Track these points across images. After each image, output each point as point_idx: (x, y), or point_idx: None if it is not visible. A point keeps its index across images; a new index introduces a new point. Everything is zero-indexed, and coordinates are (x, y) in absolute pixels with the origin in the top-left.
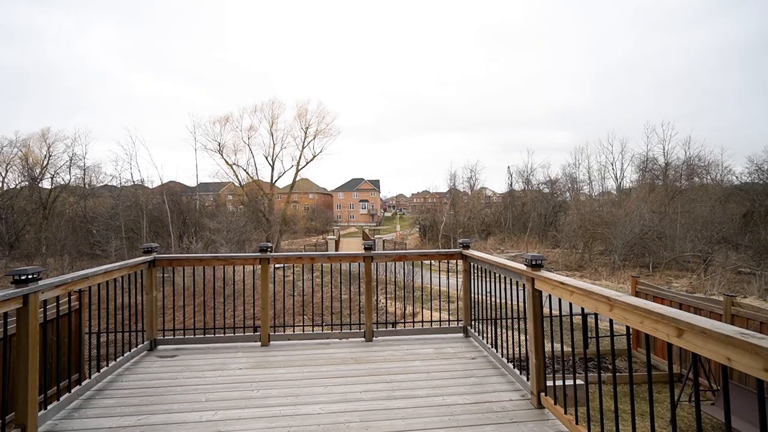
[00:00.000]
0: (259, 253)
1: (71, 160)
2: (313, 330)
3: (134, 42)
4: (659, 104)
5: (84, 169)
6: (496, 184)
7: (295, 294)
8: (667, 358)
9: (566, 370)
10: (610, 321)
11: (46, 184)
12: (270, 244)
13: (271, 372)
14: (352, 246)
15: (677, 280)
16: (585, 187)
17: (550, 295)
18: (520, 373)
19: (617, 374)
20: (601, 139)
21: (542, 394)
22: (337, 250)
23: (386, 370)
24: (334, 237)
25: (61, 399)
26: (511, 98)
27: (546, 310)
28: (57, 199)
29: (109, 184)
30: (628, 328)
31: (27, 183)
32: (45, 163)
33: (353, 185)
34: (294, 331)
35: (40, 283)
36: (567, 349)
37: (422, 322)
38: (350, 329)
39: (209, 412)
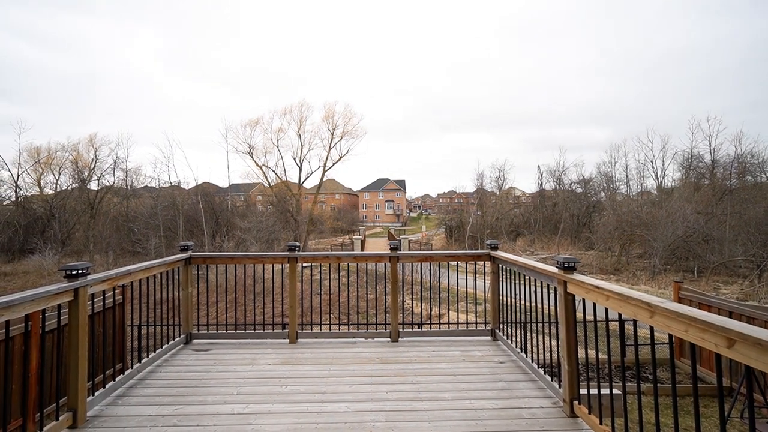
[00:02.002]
0: (287, 252)
1: (115, 163)
2: (339, 329)
3: (173, 48)
4: (704, 98)
5: (126, 172)
6: (525, 183)
7: (322, 293)
8: (716, 370)
9: (601, 379)
10: (651, 328)
11: (93, 185)
12: (298, 244)
13: (298, 369)
14: (378, 246)
15: (726, 286)
16: (622, 187)
17: (583, 300)
18: (552, 380)
19: (658, 385)
20: (639, 135)
21: (575, 402)
22: (362, 250)
23: (412, 371)
24: (360, 237)
25: (107, 386)
26: (544, 94)
27: (579, 315)
28: (103, 200)
29: (149, 185)
30: (670, 336)
31: (77, 185)
32: (92, 166)
33: (379, 185)
34: (321, 329)
35: (89, 277)
36: (602, 356)
37: (448, 323)
38: (376, 329)
39: (240, 405)
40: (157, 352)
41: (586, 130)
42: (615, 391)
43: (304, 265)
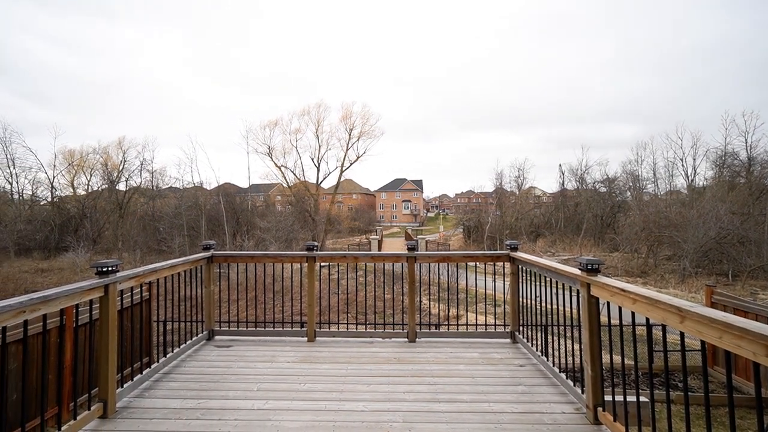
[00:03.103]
0: (305, 252)
1: (142, 164)
2: (356, 328)
3: (196, 53)
4: (738, 92)
5: (152, 173)
6: (545, 183)
7: (339, 292)
8: (754, 379)
9: (627, 385)
10: (681, 334)
11: (121, 186)
12: (316, 243)
13: (316, 367)
14: (395, 246)
15: (765, 291)
16: (649, 186)
17: (608, 303)
18: (574, 385)
19: (689, 393)
20: (668, 132)
21: (599, 409)
22: (379, 249)
23: (429, 372)
24: (377, 237)
25: (135, 379)
26: (566, 91)
27: (603, 319)
28: (130, 200)
29: (173, 186)
30: (703, 343)
31: (106, 186)
32: (121, 167)
33: (396, 185)
34: (338, 329)
35: (118, 274)
36: (628, 362)
37: (466, 325)
38: (393, 329)
39: (260, 401)
40: (181, 347)
41: (610, 127)
42: (642, 398)
43: (322, 264)
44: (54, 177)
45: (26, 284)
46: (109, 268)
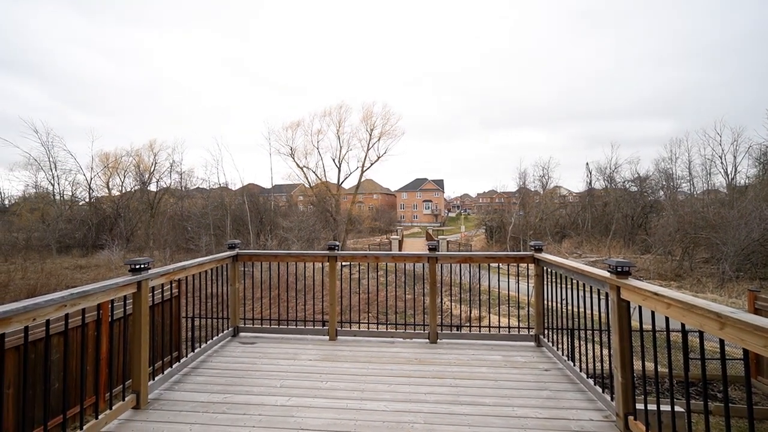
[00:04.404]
0: (327, 251)
1: (171, 166)
2: (377, 328)
3: (222, 57)
4: None
5: (181, 174)
6: (571, 182)
7: (360, 291)
8: None
9: (661, 394)
10: (721, 341)
11: (152, 187)
12: (338, 243)
13: (338, 366)
14: (416, 246)
15: None
16: (684, 185)
17: (639, 307)
18: (603, 391)
19: (730, 405)
20: (705, 128)
21: (630, 417)
22: (400, 250)
23: (451, 374)
24: (398, 237)
25: (165, 372)
26: (593, 87)
27: (634, 323)
28: (161, 200)
29: (200, 186)
30: (745, 351)
31: (139, 186)
32: (152, 169)
33: (417, 185)
34: (359, 328)
35: (150, 272)
36: (661, 369)
37: (489, 327)
38: (414, 330)
39: (283, 398)
40: (208, 343)
41: (641, 124)
42: (677, 408)
43: (344, 264)
44: (91, 178)
45: (66, 280)
46: (142, 266)
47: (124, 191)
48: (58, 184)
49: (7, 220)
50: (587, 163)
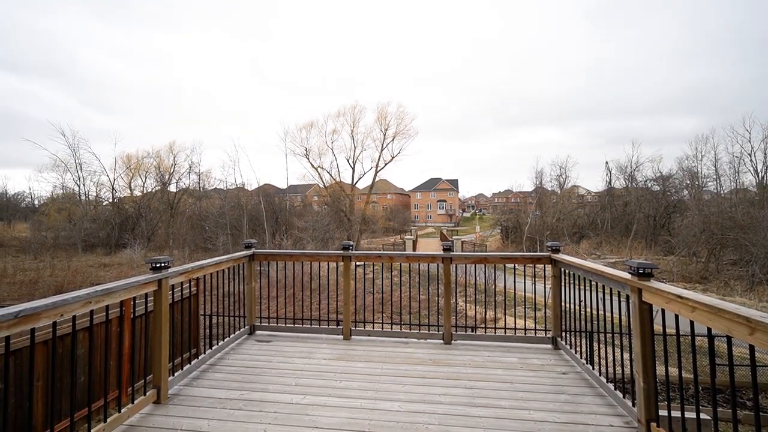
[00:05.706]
0: (341, 251)
1: (190, 167)
2: (391, 328)
3: (240, 59)
4: None
5: (199, 175)
6: (590, 182)
7: (374, 291)
8: None
9: (685, 401)
10: (750, 347)
11: (172, 188)
12: (352, 243)
13: (352, 365)
14: (430, 246)
15: None
16: (710, 184)
17: (662, 310)
18: (623, 396)
19: (761, 414)
20: (733, 125)
21: (653, 424)
22: (414, 250)
23: (465, 376)
24: (412, 237)
25: (184, 369)
26: (613, 83)
27: (656, 327)
28: (180, 201)
29: (218, 187)
30: None
31: (159, 187)
32: (172, 170)
33: (431, 185)
34: (373, 328)
35: (170, 270)
36: (685, 375)
37: (504, 328)
38: (428, 330)
39: (298, 396)
40: (225, 340)
41: (664, 120)
42: (703, 416)
43: (358, 263)
44: (114, 179)
45: (91, 277)
46: (162, 264)
47: (145, 192)
48: (84, 185)
49: (36, 219)
50: (607, 162)
